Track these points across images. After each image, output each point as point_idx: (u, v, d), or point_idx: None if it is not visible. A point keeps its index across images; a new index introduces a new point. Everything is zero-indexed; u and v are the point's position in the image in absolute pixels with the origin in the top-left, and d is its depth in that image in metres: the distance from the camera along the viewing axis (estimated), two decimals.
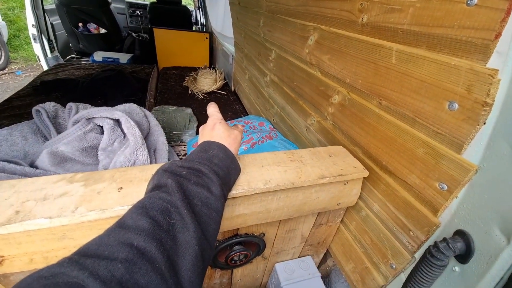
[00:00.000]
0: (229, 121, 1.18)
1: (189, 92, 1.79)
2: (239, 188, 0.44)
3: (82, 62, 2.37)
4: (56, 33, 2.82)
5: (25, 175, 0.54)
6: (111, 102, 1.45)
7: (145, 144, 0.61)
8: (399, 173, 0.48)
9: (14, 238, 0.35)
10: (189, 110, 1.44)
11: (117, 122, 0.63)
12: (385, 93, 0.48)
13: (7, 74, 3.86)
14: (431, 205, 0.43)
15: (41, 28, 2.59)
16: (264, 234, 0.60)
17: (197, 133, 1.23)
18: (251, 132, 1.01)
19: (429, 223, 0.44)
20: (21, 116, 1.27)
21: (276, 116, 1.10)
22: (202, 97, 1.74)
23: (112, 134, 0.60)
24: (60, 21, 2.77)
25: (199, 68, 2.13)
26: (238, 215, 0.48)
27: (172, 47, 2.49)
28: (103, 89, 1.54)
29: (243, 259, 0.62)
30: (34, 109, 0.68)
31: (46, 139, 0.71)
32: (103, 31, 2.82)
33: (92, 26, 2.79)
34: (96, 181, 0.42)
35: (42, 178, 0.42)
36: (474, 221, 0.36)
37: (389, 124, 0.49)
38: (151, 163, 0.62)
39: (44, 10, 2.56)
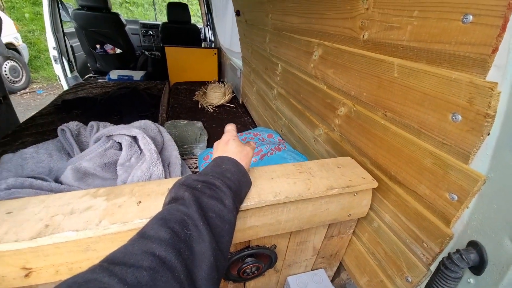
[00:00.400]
0: (239, 134, 1.21)
1: (199, 106, 1.85)
2: (250, 200, 0.46)
3: (99, 80, 2.51)
4: (76, 54, 3.03)
5: (51, 190, 0.58)
6: (126, 118, 1.53)
7: (160, 159, 0.64)
8: (408, 183, 0.49)
9: (42, 250, 0.38)
10: (200, 124, 1.49)
11: (134, 138, 0.67)
12: (390, 105, 0.50)
13: (28, 93, 4.12)
14: (443, 216, 0.43)
15: (62, 50, 2.79)
16: (275, 246, 0.61)
17: (208, 146, 1.27)
18: (260, 144, 1.03)
19: (442, 234, 0.44)
20: (44, 133, 1.35)
21: (284, 127, 1.12)
22: (212, 110, 1.79)
23: (129, 150, 0.64)
24: (79, 43, 2.97)
25: (208, 82, 2.21)
26: (249, 227, 0.50)
27: (183, 63, 2.60)
28: (119, 106, 1.63)
29: (255, 272, 0.62)
30: (59, 128, 0.74)
31: (69, 156, 0.76)
32: (118, 51, 3.00)
33: (108, 47, 2.97)
34: (117, 196, 0.45)
35: (69, 194, 0.45)
36: (486, 232, 0.36)
37: (395, 135, 0.50)
38: (165, 177, 0.65)
39: (64, 33, 2.77)
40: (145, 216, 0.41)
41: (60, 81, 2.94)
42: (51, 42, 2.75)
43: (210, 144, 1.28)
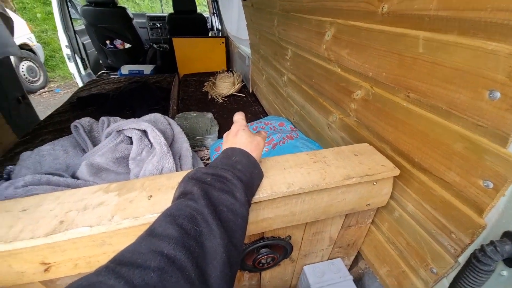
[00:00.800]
0: (249, 124, 1.19)
1: (209, 97, 1.83)
2: (263, 192, 0.44)
3: (111, 76, 2.55)
4: (87, 51, 3.08)
5: (68, 186, 0.60)
6: (138, 112, 1.54)
7: (171, 152, 0.63)
8: (435, 170, 0.45)
9: (59, 246, 0.39)
10: (210, 115, 1.48)
11: (144, 132, 0.67)
12: (413, 85, 0.45)
13: (47, 92, 4.28)
14: (475, 205, 0.39)
15: (74, 48, 2.84)
16: (290, 237, 0.59)
17: (219, 137, 1.26)
18: (271, 133, 1.00)
19: (474, 225, 0.40)
20: (62, 131, 1.40)
21: (296, 115, 1.08)
22: (222, 101, 1.77)
23: (140, 144, 0.64)
24: (90, 40, 3.02)
25: (217, 72, 2.17)
26: (263, 219, 0.48)
27: (191, 54, 2.57)
28: (131, 101, 1.64)
29: (271, 262, 0.62)
30: (72, 125, 0.75)
31: (84, 151, 0.77)
32: (127, 46, 3.01)
33: (118, 42, 2.99)
34: (129, 190, 0.45)
35: (82, 190, 0.45)
36: None
37: (419, 118, 0.46)
38: (177, 170, 0.65)
39: (75, 31, 2.81)
40: (156, 211, 0.40)
41: (74, 79, 3.02)
42: (63, 40, 2.80)
43: (221, 135, 1.27)
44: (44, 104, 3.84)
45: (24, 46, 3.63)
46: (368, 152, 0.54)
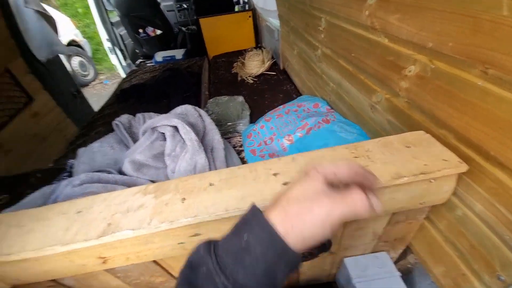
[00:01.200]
0: (281, 106, 1.13)
1: (239, 78, 1.78)
2: None
3: (148, 65, 2.66)
4: (125, 42, 3.24)
5: (116, 182, 0.65)
6: (173, 100, 1.60)
7: (202, 147, 0.63)
8: None
9: (110, 244, 0.42)
10: (241, 98, 1.44)
11: (176, 128, 0.68)
12: (493, 58, 0.34)
13: (97, 85, 4.73)
14: None
15: (113, 41, 3.01)
16: None
17: (250, 122, 1.23)
18: (305, 117, 0.93)
19: None
20: (111, 123, 1.54)
21: (332, 94, 0.98)
22: (252, 81, 1.71)
23: (173, 140, 0.65)
24: (125, 31, 3.15)
25: (245, 51, 2.08)
26: None
27: (218, 33, 2.50)
28: (166, 89, 1.70)
29: (308, 256, 0.60)
30: (113, 123, 0.80)
31: (127, 146, 0.83)
32: (158, 32, 3.06)
33: (149, 30, 3.07)
34: (164, 192, 0.46)
35: (125, 192, 0.48)
36: None
37: (500, 101, 0.35)
38: (209, 164, 0.65)
39: (111, 24, 2.95)
40: (189, 215, 0.40)
41: (117, 70, 3.25)
42: (103, 34, 2.98)
43: (253, 119, 1.24)
44: (98, 96, 4.26)
45: (72, 43, 3.97)
46: (424, 142, 0.46)
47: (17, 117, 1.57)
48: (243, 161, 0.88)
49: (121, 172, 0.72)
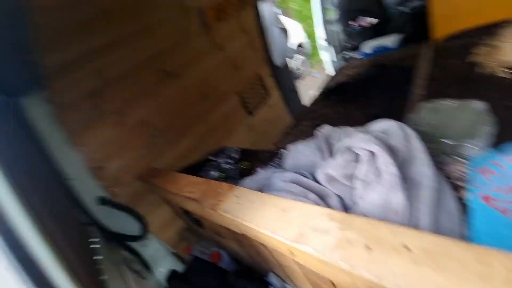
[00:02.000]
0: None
1: (481, 71, 1.23)
2: None
3: (355, 59, 2.65)
4: (337, 37, 3.43)
5: (309, 188, 0.77)
6: (374, 101, 1.49)
7: (403, 185, 0.55)
8: None
9: (297, 249, 0.52)
10: (479, 105, 1.00)
11: (373, 153, 0.64)
12: None
13: (309, 77, 5.57)
14: None
15: (328, 38, 3.31)
16: None
17: (491, 146, 0.84)
18: None
19: None
20: (314, 120, 1.78)
21: None
22: (508, 76, 1.11)
23: (369, 167, 0.62)
24: (337, 27, 3.31)
25: (498, 26, 1.35)
26: None
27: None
28: (366, 89, 1.63)
29: None
30: (316, 132, 0.92)
31: (323, 154, 0.93)
32: (373, 21, 2.88)
33: (363, 20, 2.97)
34: (348, 227, 0.47)
35: (317, 208, 0.56)
36: None
37: None
38: (411, 205, 0.55)
39: (325, 21, 3.23)
40: (373, 272, 0.38)
41: (327, 67, 3.58)
42: (321, 34, 3.37)
43: (496, 144, 0.83)
44: (308, 87, 5.08)
45: (301, 45, 4.96)
46: None
47: (260, 108, 2.33)
48: (460, 205, 0.64)
49: (313, 176, 0.83)
